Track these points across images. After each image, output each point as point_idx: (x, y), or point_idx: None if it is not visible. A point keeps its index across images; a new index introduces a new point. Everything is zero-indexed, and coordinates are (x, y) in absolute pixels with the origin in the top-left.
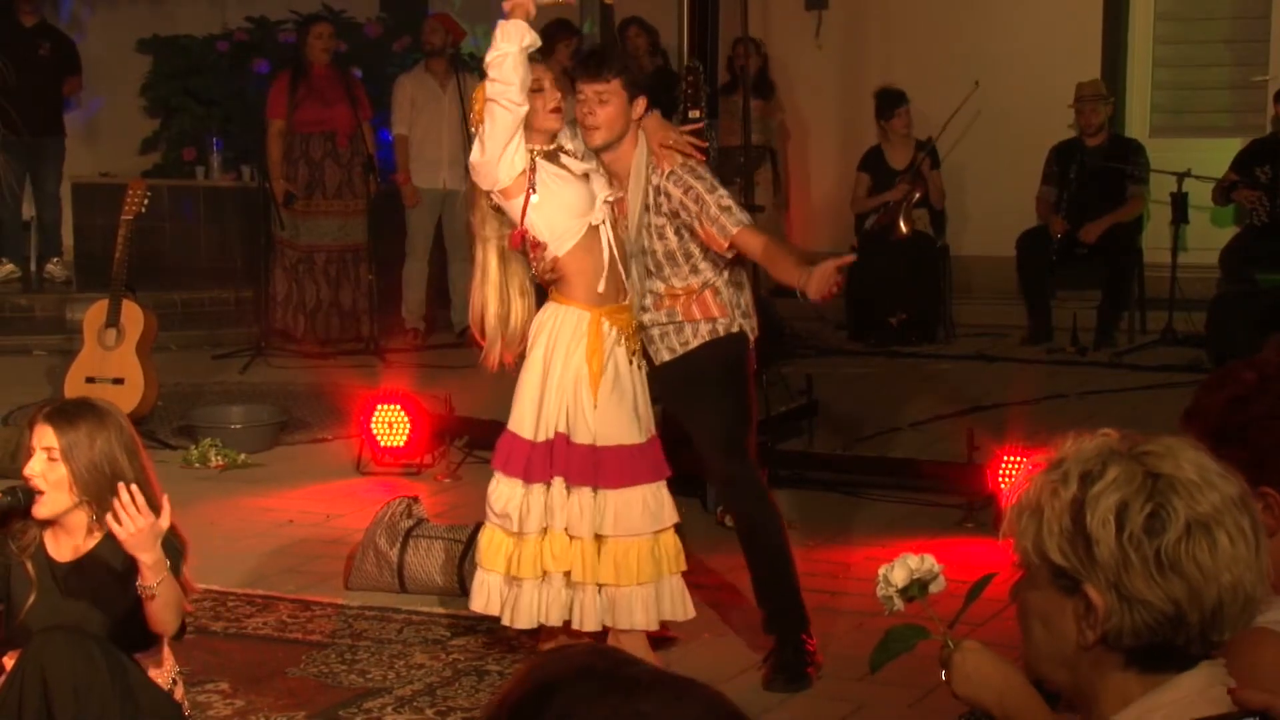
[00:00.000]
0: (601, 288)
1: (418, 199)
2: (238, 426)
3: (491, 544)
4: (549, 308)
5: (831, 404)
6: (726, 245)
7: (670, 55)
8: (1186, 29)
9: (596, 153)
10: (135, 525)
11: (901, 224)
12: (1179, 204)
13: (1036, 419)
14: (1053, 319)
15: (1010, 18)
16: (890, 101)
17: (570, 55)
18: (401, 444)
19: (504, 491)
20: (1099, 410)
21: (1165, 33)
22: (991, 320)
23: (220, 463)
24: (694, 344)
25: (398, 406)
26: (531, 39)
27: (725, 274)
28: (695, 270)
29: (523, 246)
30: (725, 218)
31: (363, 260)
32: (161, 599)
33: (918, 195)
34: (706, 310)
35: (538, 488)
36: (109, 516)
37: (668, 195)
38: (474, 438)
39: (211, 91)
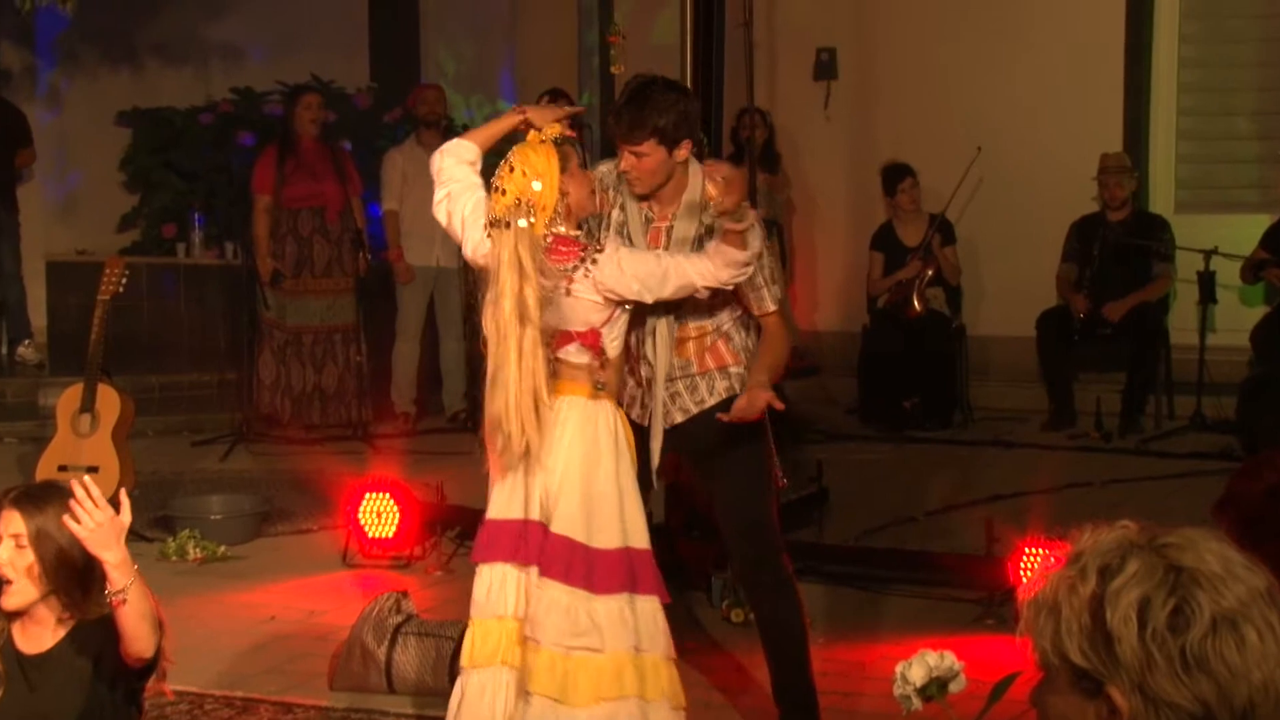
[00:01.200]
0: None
1: (410, 276)
2: (218, 517)
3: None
4: (576, 404)
5: (842, 492)
6: (757, 314)
7: None
8: (1210, 100)
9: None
10: (94, 520)
11: (915, 302)
12: (1206, 282)
13: (1059, 509)
14: (1075, 403)
15: (1025, 88)
16: (896, 176)
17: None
18: (390, 535)
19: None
20: (1124, 499)
21: (1189, 104)
22: (1010, 404)
23: (199, 555)
24: (710, 402)
25: (387, 495)
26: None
27: (736, 313)
28: (711, 312)
29: (568, 347)
30: (768, 291)
31: (351, 341)
32: (134, 606)
33: (930, 273)
34: (720, 359)
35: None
36: (66, 517)
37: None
38: (467, 528)
39: (194, 165)
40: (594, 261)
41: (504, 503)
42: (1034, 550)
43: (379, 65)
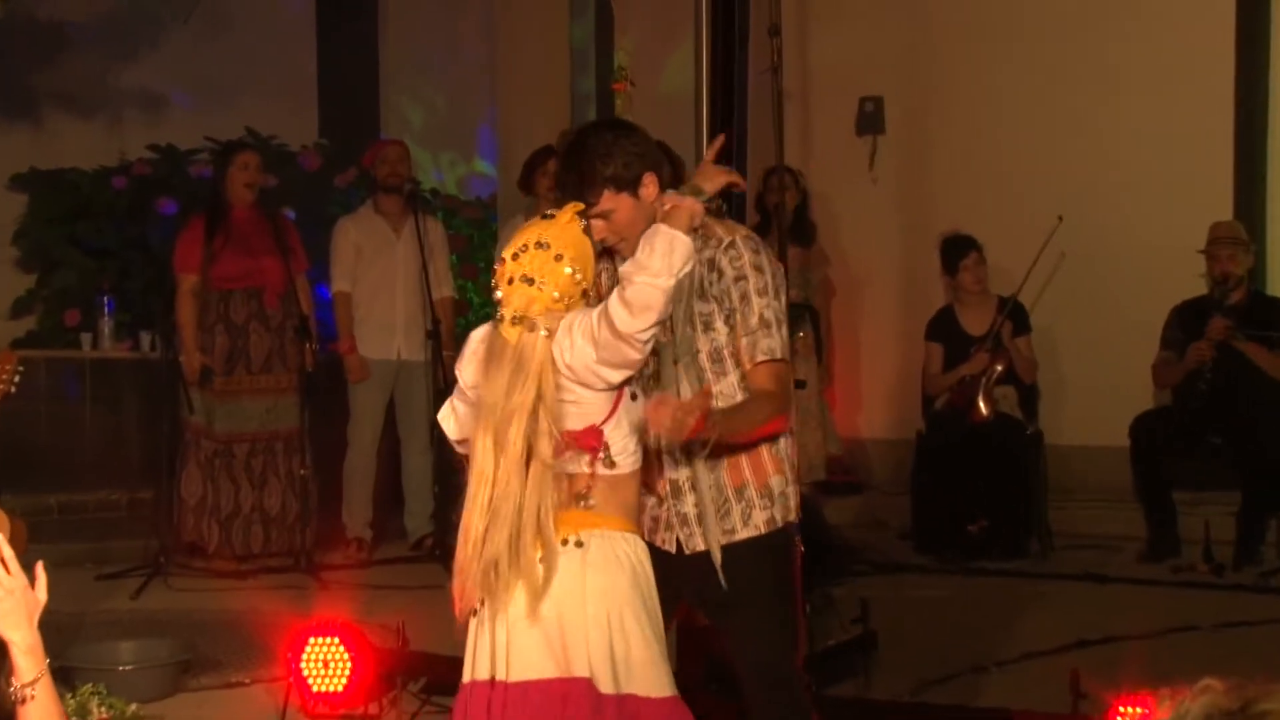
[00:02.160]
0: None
1: (365, 372)
2: (128, 668)
3: None
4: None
5: (894, 636)
6: (746, 367)
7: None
8: None
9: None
10: (3, 586)
11: (981, 405)
12: None
13: (1160, 658)
14: (1179, 528)
15: (1115, 144)
16: (958, 250)
17: (553, 182)
18: (340, 688)
19: None
20: (1241, 648)
21: None
22: (1099, 529)
23: (104, 715)
24: (741, 535)
25: (335, 640)
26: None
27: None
28: (742, 379)
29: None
30: (761, 338)
31: (295, 452)
32: (41, 707)
33: (1000, 368)
34: (760, 469)
35: None
36: None
37: (720, 272)
38: (432, 679)
39: (104, 239)
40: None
41: (484, 659)
42: (1130, 709)
43: (330, 118)
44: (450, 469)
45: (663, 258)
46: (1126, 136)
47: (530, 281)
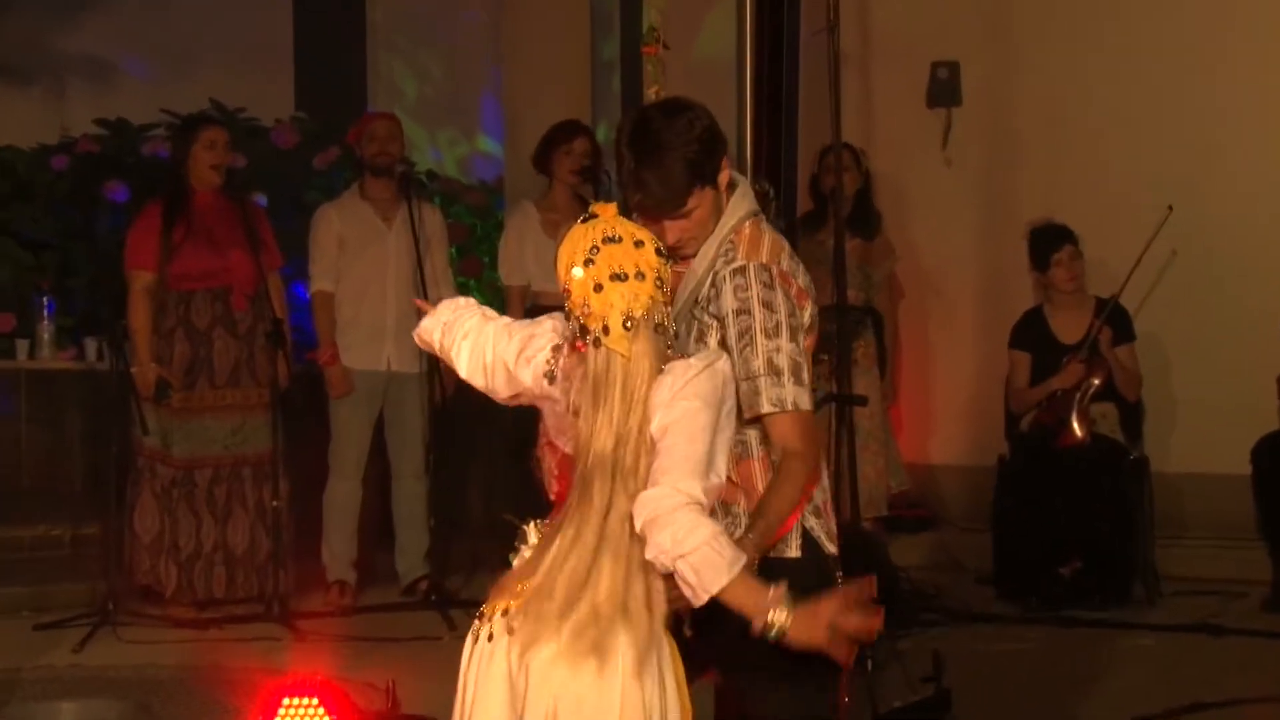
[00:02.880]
0: None
1: (348, 386)
2: None
3: None
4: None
5: (971, 697)
6: (747, 415)
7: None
8: None
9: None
10: None
11: (1075, 425)
12: None
13: None
14: None
15: (1238, 120)
16: (1049, 242)
17: (583, 165)
18: None
19: None
20: None
21: None
22: (1215, 571)
23: None
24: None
25: (314, 701)
26: None
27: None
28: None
29: None
30: (766, 385)
31: (266, 480)
32: None
33: (1098, 382)
34: (752, 486)
35: None
36: None
37: (718, 290)
38: None
39: (42, 229)
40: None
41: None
42: None
43: (309, 88)
44: (448, 499)
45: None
46: (1250, 111)
47: (624, 277)
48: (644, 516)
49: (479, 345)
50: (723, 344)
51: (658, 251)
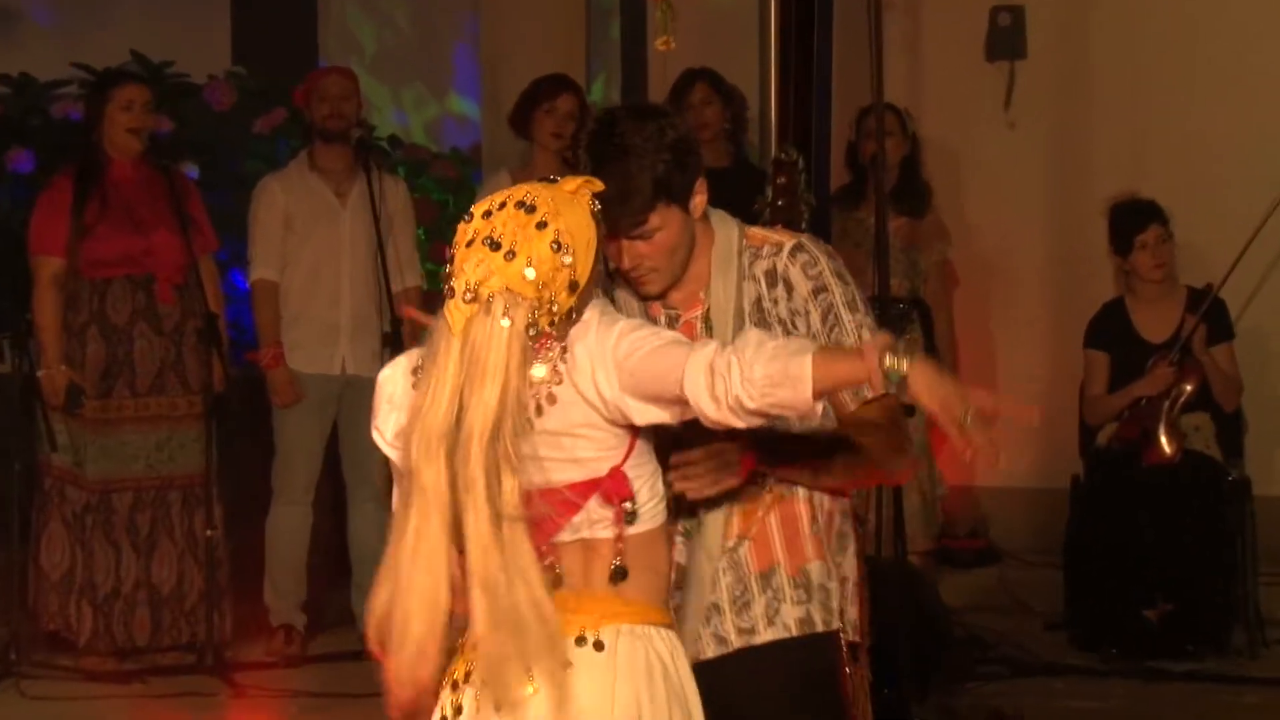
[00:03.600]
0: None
1: (295, 394)
2: None
3: None
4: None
5: None
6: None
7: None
8: None
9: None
10: None
11: (1163, 440)
12: None
13: None
14: None
15: None
16: (1133, 221)
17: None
18: None
19: None
20: None
21: None
22: None
23: None
24: (764, 636)
25: None
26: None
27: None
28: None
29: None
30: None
31: (197, 505)
32: None
33: (1190, 389)
34: (799, 552)
35: None
36: None
37: (789, 285)
38: None
39: None
40: (563, 348)
41: None
42: None
43: (248, 39)
44: None
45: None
46: None
47: (496, 247)
48: (693, 398)
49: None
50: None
51: (555, 246)
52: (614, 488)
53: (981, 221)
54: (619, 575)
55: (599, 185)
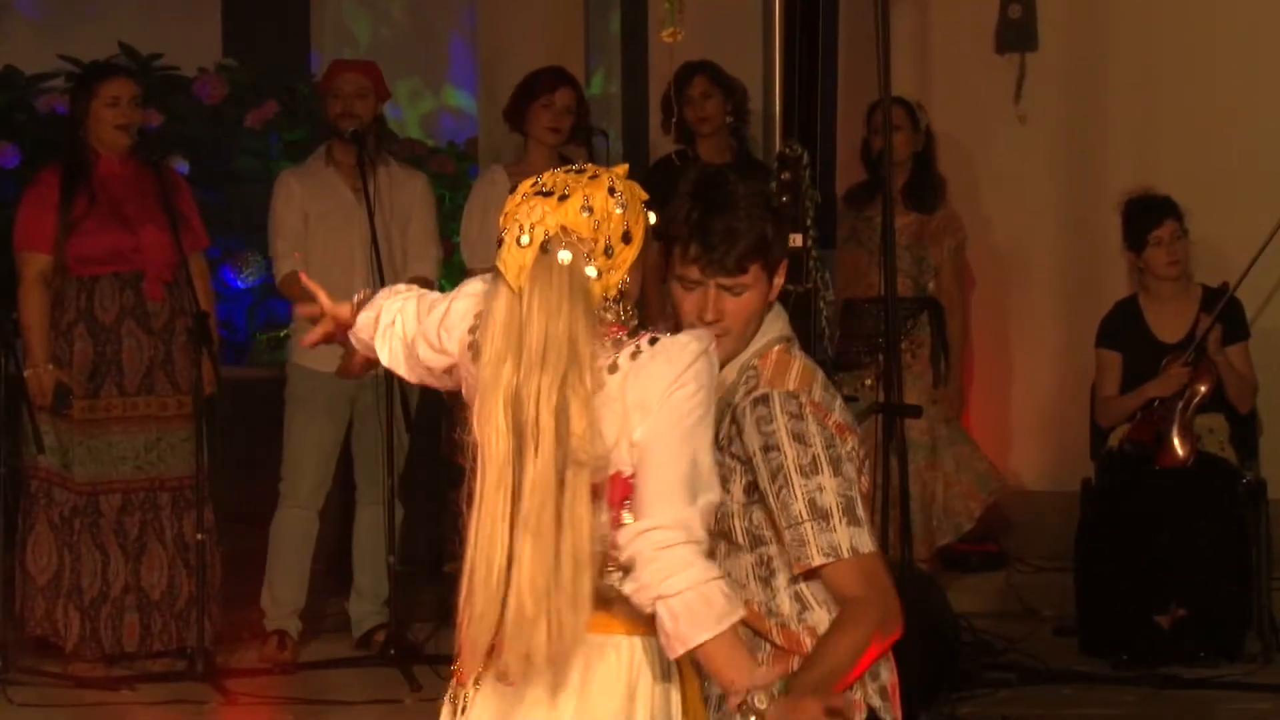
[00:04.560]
0: None
1: (363, 365)
2: None
3: None
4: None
5: None
6: (800, 571)
7: (754, 126)
8: None
9: None
10: None
11: (1176, 442)
12: None
13: None
14: None
15: None
16: (1148, 216)
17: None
18: None
19: None
20: None
21: None
22: None
23: None
24: None
25: None
26: None
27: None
28: (770, 577)
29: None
30: (813, 532)
31: (187, 507)
32: None
33: (1204, 389)
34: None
35: None
36: None
37: (739, 427)
38: None
39: None
40: (640, 349)
41: None
42: None
43: (239, 31)
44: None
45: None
46: None
47: (549, 194)
48: (627, 553)
49: (399, 327)
50: (751, 489)
51: (611, 191)
52: (616, 490)
53: (995, 217)
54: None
55: (644, 194)
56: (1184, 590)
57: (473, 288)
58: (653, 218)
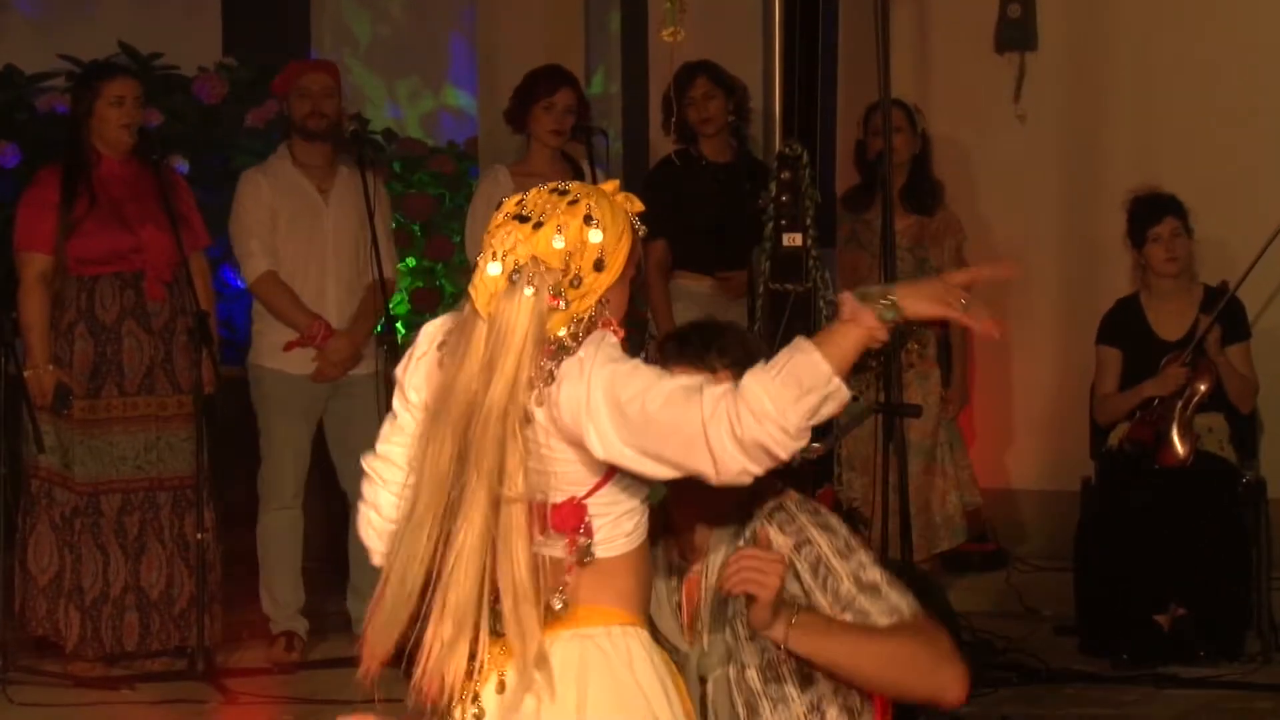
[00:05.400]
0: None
1: (344, 347)
2: None
3: None
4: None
5: None
6: None
7: (754, 126)
8: None
9: None
10: None
11: (1176, 441)
12: None
13: None
14: None
15: None
16: (1149, 213)
17: (560, 122)
18: None
19: None
20: None
21: None
22: None
23: None
24: None
25: None
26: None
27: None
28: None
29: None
30: (867, 601)
31: (187, 507)
32: None
33: (1204, 388)
34: None
35: None
36: None
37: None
38: None
39: None
40: (551, 372)
41: None
42: None
43: (239, 30)
44: None
45: (794, 394)
46: None
47: (525, 220)
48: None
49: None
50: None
51: (587, 219)
52: (566, 517)
53: (994, 217)
54: (557, 607)
55: (639, 205)
56: (1184, 590)
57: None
58: (642, 230)
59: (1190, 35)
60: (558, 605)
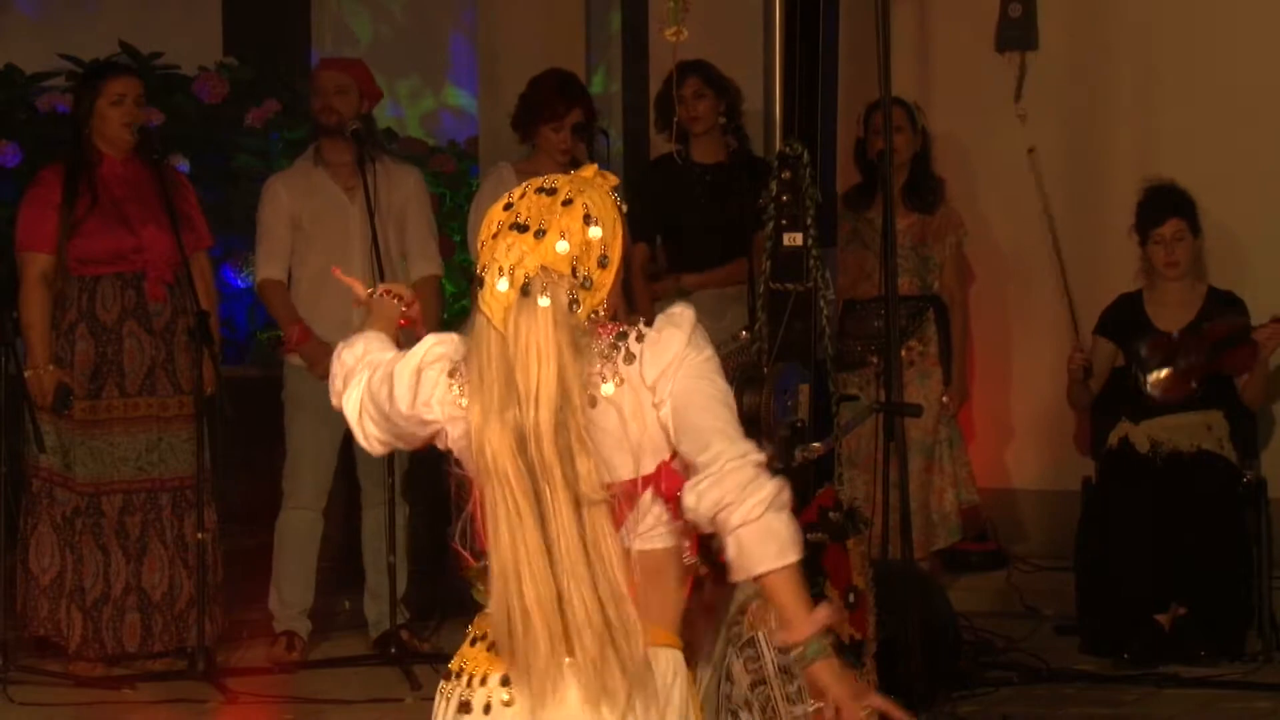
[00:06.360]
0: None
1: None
2: None
3: None
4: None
5: None
6: None
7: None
8: None
9: None
10: None
11: (1171, 377)
12: None
13: None
14: None
15: None
16: (1156, 209)
17: (569, 142)
18: None
19: None
20: None
21: None
22: None
23: None
24: None
25: None
26: None
27: None
28: None
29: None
30: None
31: (188, 508)
32: None
33: (1224, 332)
34: None
35: None
36: None
37: (730, 681)
38: None
39: None
40: (642, 333)
41: None
42: None
43: (239, 29)
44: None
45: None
46: None
47: (524, 229)
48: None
49: (366, 396)
50: None
51: (585, 218)
52: (670, 479)
53: (995, 216)
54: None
55: (614, 179)
56: (1184, 589)
57: (433, 352)
58: (624, 205)
59: (1192, 35)
60: (700, 582)
